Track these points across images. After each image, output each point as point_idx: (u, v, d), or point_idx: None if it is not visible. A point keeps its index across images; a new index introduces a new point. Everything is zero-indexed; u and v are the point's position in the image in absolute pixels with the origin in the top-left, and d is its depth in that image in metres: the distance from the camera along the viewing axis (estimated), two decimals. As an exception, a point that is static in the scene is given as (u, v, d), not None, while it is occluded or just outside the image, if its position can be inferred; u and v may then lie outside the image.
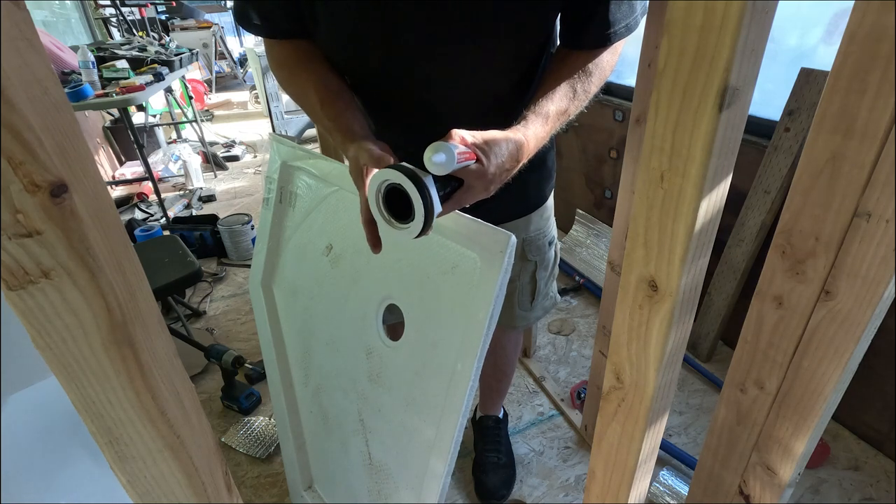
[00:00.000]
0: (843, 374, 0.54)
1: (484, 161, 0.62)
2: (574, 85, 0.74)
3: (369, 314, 0.88)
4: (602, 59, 0.76)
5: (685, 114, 0.41)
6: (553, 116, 0.71)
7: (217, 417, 1.67)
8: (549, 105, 0.71)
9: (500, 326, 1.15)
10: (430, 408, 0.79)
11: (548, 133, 0.72)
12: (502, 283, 0.67)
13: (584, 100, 0.75)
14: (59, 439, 0.74)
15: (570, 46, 0.76)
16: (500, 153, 0.64)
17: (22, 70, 0.30)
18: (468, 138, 0.62)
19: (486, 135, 0.64)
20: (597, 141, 2.31)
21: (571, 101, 0.73)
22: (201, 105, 5.31)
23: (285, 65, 0.80)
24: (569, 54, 0.76)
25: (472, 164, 0.62)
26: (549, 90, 0.73)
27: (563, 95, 0.73)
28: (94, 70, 2.44)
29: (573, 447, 1.52)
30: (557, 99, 0.72)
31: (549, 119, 0.71)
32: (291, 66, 0.79)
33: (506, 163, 0.65)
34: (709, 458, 0.73)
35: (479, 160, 0.62)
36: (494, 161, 0.63)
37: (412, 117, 0.83)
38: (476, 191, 0.65)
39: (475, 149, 0.62)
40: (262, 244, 1.06)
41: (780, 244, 0.55)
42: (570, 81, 0.74)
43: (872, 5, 0.42)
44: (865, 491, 1.35)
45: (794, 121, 1.43)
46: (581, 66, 0.74)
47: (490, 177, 0.64)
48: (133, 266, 0.40)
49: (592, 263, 2.31)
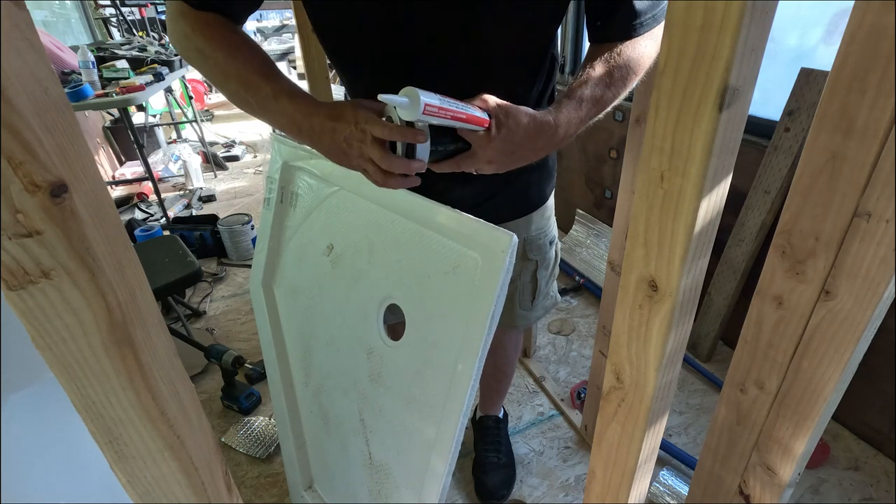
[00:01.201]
0: (843, 374, 0.54)
1: (493, 130, 0.60)
2: (610, 72, 0.72)
3: (370, 314, 0.88)
4: (638, 47, 0.74)
5: (685, 114, 0.41)
6: (587, 100, 0.70)
7: (217, 417, 1.67)
8: (584, 90, 0.70)
9: (501, 326, 1.14)
10: (430, 407, 0.79)
11: (582, 119, 0.70)
12: (504, 283, 0.67)
13: (623, 87, 0.73)
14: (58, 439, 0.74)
15: (600, 40, 0.75)
16: (514, 128, 0.61)
17: (22, 70, 0.30)
18: (490, 101, 0.60)
19: (510, 106, 0.61)
20: (597, 141, 2.31)
21: (607, 87, 0.71)
22: (201, 105, 5.31)
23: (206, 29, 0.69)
24: (600, 47, 0.75)
25: (481, 129, 0.60)
26: (584, 78, 0.71)
27: (599, 82, 0.71)
28: (94, 70, 2.44)
29: (573, 447, 1.52)
30: (592, 85, 0.71)
31: (582, 103, 0.69)
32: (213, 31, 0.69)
33: (521, 140, 0.62)
34: (709, 458, 0.73)
35: (488, 128, 0.60)
36: (505, 134, 0.60)
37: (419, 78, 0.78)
38: (478, 159, 0.62)
39: (494, 114, 0.60)
40: (263, 244, 1.06)
41: (780, 244, 0.55)
42: (606, 69, 0.72)
43: (872, 5, 0.42)
44: (865, 491, 1.35)
45: (794, 121, 1.43)
46: (615, 55, 0.73)
47: (495, 148, 0.61)
48: (133, 266, 0.40)
49: (592, 263, 2.31)
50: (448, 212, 0.72)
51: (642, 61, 0.74)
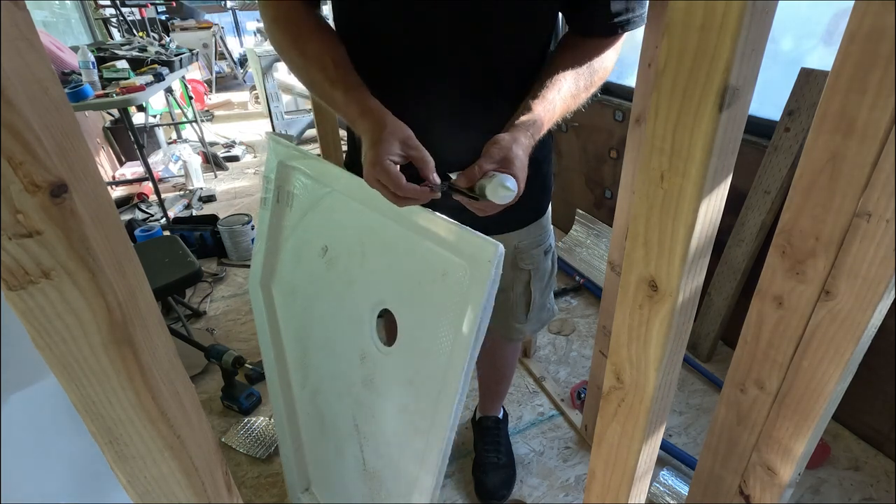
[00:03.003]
0: (843, 374, 0.54)
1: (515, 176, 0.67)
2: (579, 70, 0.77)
3: (363, 318, 0.87)
4: (599, 57, 0.78)
5: (685, 114, 0.41)
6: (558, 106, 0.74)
7: (217, 417, 1.67)
8: (555, 94, 0.74)
9: (498, 337, 1.13)
10: (421, 417, 0.78)
11: (549, 122, 0.74)
12: (490, 294, 0.65)
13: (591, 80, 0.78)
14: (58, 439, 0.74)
15: (580, 33, 0.79)
16: (523, 167, 0.68)
17: (22, 70, 0.30)
18: (487, 165, 0.66)
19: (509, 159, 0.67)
20: (597, 141, 2.31)
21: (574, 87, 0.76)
22: (201, 105, 5.31)
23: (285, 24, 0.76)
24: (573, 42, 0.79)
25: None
26: (553, 81, 0.75)
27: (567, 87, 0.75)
28: (95, 70, 2.44)
29: (573, 447, 1.52)
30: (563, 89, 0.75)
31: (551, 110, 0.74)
32: (293, 27, 0.76)
33: (526, 164, 0.69)
34: (709, 458, 0.73)
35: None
36: (522, 177, 0.67)
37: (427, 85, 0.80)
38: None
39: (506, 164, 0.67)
40: (261, 244, 1.05)
41: (780, 244, 0.55)
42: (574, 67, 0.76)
43: (872, 5, 0.42)
44: (865, 491, 1.35)
45: (794, 121, 1.43)
46: (587, 53, 0.77)
47: (521, 192, 0.68)
48: (133, 266, 0.40)
49: (592, 263, 2.31)
50: (437, 218, 0.71)
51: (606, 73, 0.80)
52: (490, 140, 0.69)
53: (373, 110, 0.69)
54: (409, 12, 0.73)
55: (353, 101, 0.70)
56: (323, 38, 0.75)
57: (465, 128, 0.81)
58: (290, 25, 0.76)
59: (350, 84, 0.72)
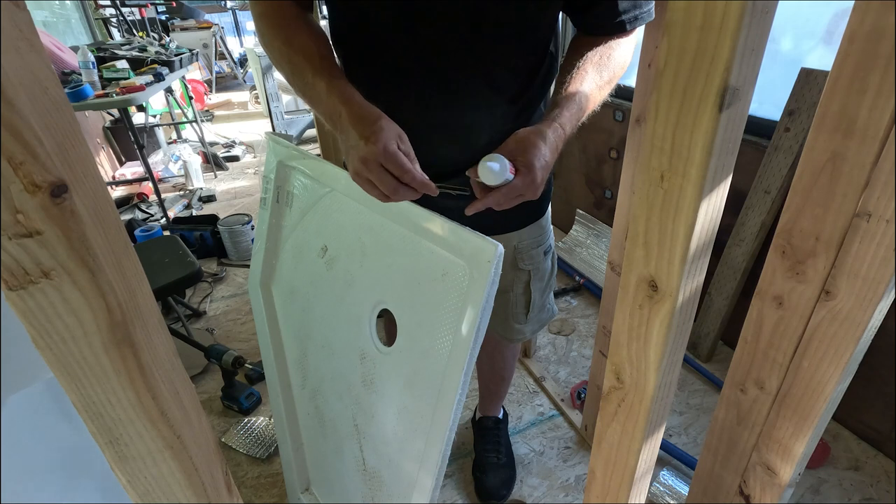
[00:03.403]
0: (843, 374, 0.54)
1: (525, 174, 0.66)
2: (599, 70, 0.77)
3: (363, 318, 0.87)
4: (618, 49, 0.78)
5: (685, 114, 0.41)
6: (585, 96, 0.75)
7: (217, 417, 1.67)
8: (579, 86, 0.74)
9: (498, 338, 1.13)
10: (420, 418, 0.78)
11: (578, 112, 0.74)
12: (489, 294, 0.65)
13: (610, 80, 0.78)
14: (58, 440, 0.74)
15: (590, 33, 0.80)
16: (541, 157, 0.67)
17: (22, 70, 0.30)
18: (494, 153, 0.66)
19: (524, 148, 0.67)
20: (597, 141, 2.31)
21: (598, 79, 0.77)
22: (201, 105, 5.31)
23: (274, 18, 0.75)
24: (586, 41, 0.79)
25: (512, 178, 0.66)
26: (574, 75, 0.76)
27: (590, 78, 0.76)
28: (95, 70, 2.44)
29: (573, 447, 1.52)
30: (586, 81, 0.75)
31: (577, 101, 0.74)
32: (281, 20, 0.75)
33: (550, 161, 0.69)
34: (709, 458, 0.73)
35: (518, 173, 0.67)
36: (538, 166, 0.67)
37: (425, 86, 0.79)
38: (526, 196, 0.69)
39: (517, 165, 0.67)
40: (261, 244, 1.05)
41: (780, 244, 0.55)
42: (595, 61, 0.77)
43: (872, 5, 0.42)
44: (865, 491, 1.35)
45: (794, 121, 1.43)
46: (600, 52, 0.77)
47: (539, 181, 0.68)
48: (133, 266, 0.40)
49: (592, 263, 2.31)
50: (436, 218, 0.71)
51: (620, 63, 0.80)
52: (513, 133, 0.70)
53: (360, 103, 0.67)
54: (407, 15, 0.73)
55: (337, 91, 0.68)
56: (311, 33, 0.75)
57: (465, 132, 0.81)
58: (278, 20, 0.75)
59: (334, 75, 0.71)
